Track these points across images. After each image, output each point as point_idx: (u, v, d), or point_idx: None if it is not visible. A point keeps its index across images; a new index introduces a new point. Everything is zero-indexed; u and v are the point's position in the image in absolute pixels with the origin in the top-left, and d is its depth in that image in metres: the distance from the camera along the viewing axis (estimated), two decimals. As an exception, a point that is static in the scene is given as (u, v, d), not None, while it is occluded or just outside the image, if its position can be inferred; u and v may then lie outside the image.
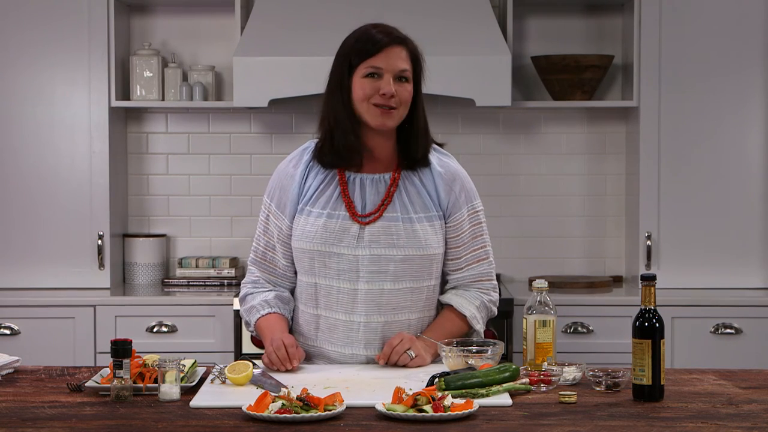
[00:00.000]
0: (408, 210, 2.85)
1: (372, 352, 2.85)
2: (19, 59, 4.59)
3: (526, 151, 4.98)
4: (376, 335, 2.85)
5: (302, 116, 4.95)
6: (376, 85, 2.80)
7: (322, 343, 2.90)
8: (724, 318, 4.43)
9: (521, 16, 4.91)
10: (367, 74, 2.80)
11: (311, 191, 2.89)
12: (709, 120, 4.60)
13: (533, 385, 2.54)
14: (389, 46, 2.81)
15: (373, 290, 2.84)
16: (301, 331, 2.95)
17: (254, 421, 2.27)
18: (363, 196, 2.87)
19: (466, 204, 2.91)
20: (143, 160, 4.98)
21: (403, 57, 2.82)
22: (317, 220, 2.85)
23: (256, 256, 2.99)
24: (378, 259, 2.83)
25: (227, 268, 4.82)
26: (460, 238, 2.90)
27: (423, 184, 2.89)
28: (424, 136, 2.88)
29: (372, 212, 2.85)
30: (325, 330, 2.89)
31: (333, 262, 2.84)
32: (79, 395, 2.54)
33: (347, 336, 2.86)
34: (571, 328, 4.43)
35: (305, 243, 2.86)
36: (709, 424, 2.25)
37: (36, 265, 4.61)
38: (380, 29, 2.84)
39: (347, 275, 2.84)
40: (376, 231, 2.83)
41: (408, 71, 2.83)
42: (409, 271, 2.85)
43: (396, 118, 2.83)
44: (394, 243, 2.83)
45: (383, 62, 2.80)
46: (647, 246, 4.62)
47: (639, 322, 2.46)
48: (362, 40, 2.82)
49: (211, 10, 4.93)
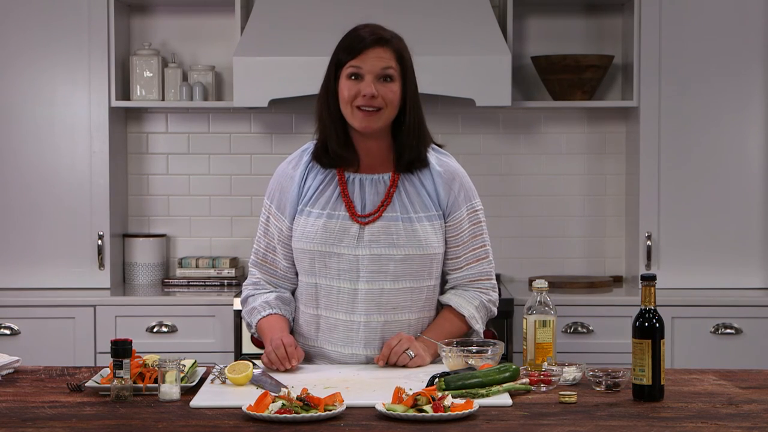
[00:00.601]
0: (408, 210, 2.85)
1: (372, 352, 2.85)
2: (19, 59, 4.59)
3: (526, 151, 4.98)
4: (376, 335, 2.85)
5: (302, 116, 4.95)
6: (358, 87, 2.79)
7: (323, 344, 2.90)
8: (724, 318, 4.43)
9: (521, 16, 4.91)
10: (350, 75, 2.81)
11: (311, 192, 2.89)
12: (709, 120, 4.60)
13: (533, 385, 2.54)
14: (371, 48, 2.80)
15: (373, 290, 2.84)
16: (302, 331, 2.95)
17: (254, 421, 2.27)
18: (363, 197, 2.86)
19: (465, 203, 2.90)
20: (143, 160, 4.98)
21: (385, 57, 2.81)
22: (317, 220, 2.85)
23: (257, 258, 2.99)
24: (378, 259, 2.83)
25: (227, 268, 4.82)
26: (459, 237, 2.90)
27: (422, 183, 2.88)
28: (416, 136, 2.86)
29: (372, 212, 2.85)
30: (326, 330, 2.89)
31: (333, 262, 2.84)
32: (79, 395, 2.54)
33: (347, 336, 2.86)
34: (571, 328, 4.43)
35: (305, 243, 2.86)
36: (709, 424, 2.25)
37: (36, 265, 4.61)
38: (368, 29, 2.84)
39: (347, 275, 2.84)
40: (375, 231, 2.83)
41: (392, 69, 2.81)
42: (409, 271, 2.85)
43: (381, 119, 2.81)
44: (394, 242, 2.83)
45: (364, 63, 2.79)
46: (647, 246, 4.62)
47: (639, 322, 2.46)
48: (348, 39, 2.84)
49: (211, 10, 4.93)
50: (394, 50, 2.83)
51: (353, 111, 2.81)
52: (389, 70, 2.81)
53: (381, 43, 2.81)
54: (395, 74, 2.82)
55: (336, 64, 2.84)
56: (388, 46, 2.82)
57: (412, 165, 2.88)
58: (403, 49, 2.85)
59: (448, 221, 2.90)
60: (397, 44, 2.84)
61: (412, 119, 2.85)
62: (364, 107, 2.79)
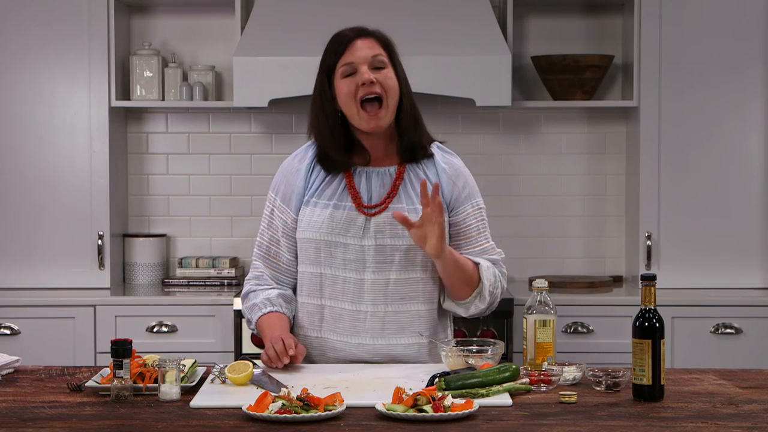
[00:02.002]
0: (414, 201, 2.86)
1: (378, 341, 2.86)
2: (19, 59, 4.59)
3: (526, 151, 4.98)
4: (382, 324, 2.86)
5: (302, 116, 4.95)
6: (355, 81, 2.82)
7: (327, 334, 2.90)
8: (724, 318, 4.43)
9: (521, 16, 4.91)
10: (345, 74, 2.83)
11: (317, 183, 2.90)
12: (709, 120, 4.60)
13: (533, 385, 2.54)
14: (355, 40, 2.84)
15: (379, 280, 2.85)
16: (303, 323, 2.94)
17: (254, 421, 2.27)
18: (369, 188, 2.88)
19: (469, 200, 2.93)
20: (143, 160, 4.98)
21: (371, 45, 2.85)
22: (324, 210, 2.86)
23: (260, 251, 2.99)
24: (383, 249, 2.84)
25: (227, 268, 4.82)
26: (464, 233, 2.92)
27: (428, 177, 2.90)
28: (413, 123, 2.89)
29: (378, 204, 2.86)
30: (330, 320, 2.89)
31: (339, 252, 2.85)
32: (79, 395, 2.54)
33: (354, 325, 2.86)
34: (571, 328, 4.43)
35: (311, 233, 2.87)
36: (709, 424, 2.25)
37: (36, 265, 4.61)
38: (348, 28, 2.89)
39: (353, 265, 2.85)
40: (381, 222, 2.84)
41: (381, 56, 2.85)
42: (415, 261, 2.86)
43: (385, 113, 2.83)
44: (399, 233, 2.83)
45: (353, 56, 2.83)
46: (647, 246, 4.62)
47: (639, 322, 2.46)
48: (331, 42, 2.88)
49: (211, 10, 4.93)
50: (378, 39, 2.88)
51: (358, 111, 2.82)
52: (380, 57, 2.84)
53: (364, 35, 2.87)
54: (386, 60, 2.86)
55: (326, 70, 2.87)
56: (371, 36, 2.87)
57: (415, 152, 2.90)
58: (386, 38, 2.90)
59: (453, 216, 2.91)
60: (379, 34, 2.89)
61: (408, 104, 2.88)
62: (367, 96, 2.80)
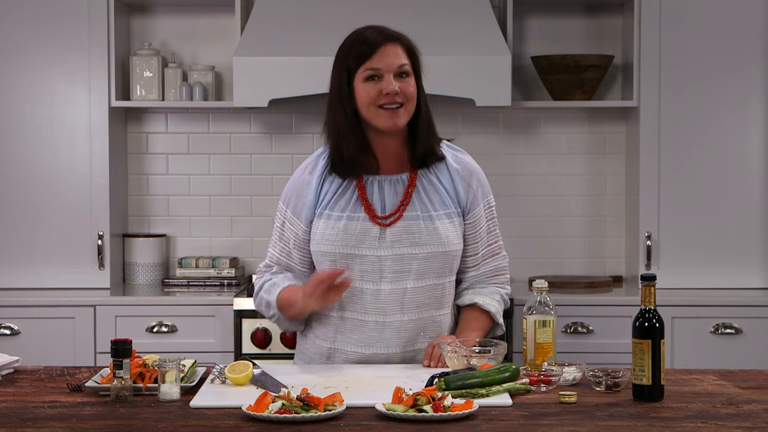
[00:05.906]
0: (428, 208, 2.86)
1: (394, 351, 2.85)
2: (19, 59, 4.59)
3: (526, 151, 4.98)
4: (399, 333, 2.85)
5: (302, 116, 4.95)
6: (378, 87, 2.79)
7: (342, 345, 2.88)
8: (724, 318, 4.43)
9: (521, 16, 4.91)
10: (368, 78, 2.80)
11: (329, 196, 2.87)
12: (709, 120, 4.60)
13: (533, 385, 2.54)
14: (383, 45, 2.80)
15: (396, 290, 2.84)
16: (317, 334, 2.93)
17: (254, 421, 2.27)
18: (382, 198, 2.86)
19: (482, 199, 2.93)
20: (143, 160, 4.98)
21: (399, 53, 2.82)
22: (337, 223, 2.84)
23: (271, 263, 2.98)
24: (401, 259, 2.83)
25: (227, 268, 4.82)
26: (478, 233, 2.92)
27: (440, 181, 2.89)
28: (427, 131, 2.87)
29: (392, 213, 2.85)
30: (346, 332, 2.87)
31: (355, 263, 2.83)
32: (79, 395, 2.54)
33: (370, 336, 2.85)
34: (571, 328, 4.43)
35: (326, 246, 2.85)
36: (709, 424, 2.25)
37: (36, 265, 4.61)
38: (372, 30, 2.84)
39: (370, 276, 2.83)
40: (397, 231, 2.83)
41: (407, 65, 2.82)
42: (431, 269, 2.85)
43: (404, 115, 2.82)
44: (416, 241, 2.83)
45: (380, 62, 2.80)
46: (647, 246, 4.62)
47: (639, 322, 2.46)
48: (357, 43, 2.82)
49: (211, 10, 4.93)
50: (404, 45, 2.84)
51: (377, 111, 2.80)
52: (405, 67, 2.82)
53: (391, 40, 2.82)
54: (410, 69, 2.83)
55: (347, 70, 2.82)
56: (398, 42, 2.83)
57: (427, 159, 2.88)
58: (411, 44, 2.87)
59: (468, 219, 2.90)
60: (405, 40, 2.86)
61: (424, 114, 2.87)
62: (387, 105, 2.79)
